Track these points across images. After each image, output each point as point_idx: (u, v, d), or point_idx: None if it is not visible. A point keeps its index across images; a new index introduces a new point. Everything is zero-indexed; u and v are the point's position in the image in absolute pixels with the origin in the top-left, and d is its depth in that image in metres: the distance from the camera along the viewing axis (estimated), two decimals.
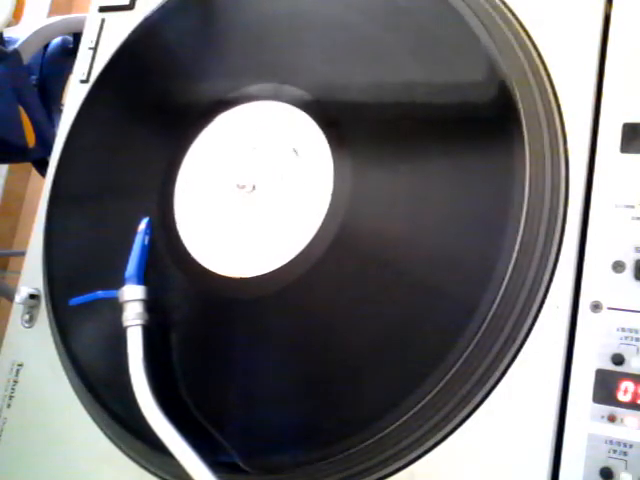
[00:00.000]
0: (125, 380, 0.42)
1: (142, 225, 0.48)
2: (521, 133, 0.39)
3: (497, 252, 0.38)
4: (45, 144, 0.68)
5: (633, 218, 0.38)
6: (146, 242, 0.47)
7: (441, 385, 0.37)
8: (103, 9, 0.61)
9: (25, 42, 0.68)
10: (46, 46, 0.73)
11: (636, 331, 0.36)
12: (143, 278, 0.46)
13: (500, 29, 0.43)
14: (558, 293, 0.38)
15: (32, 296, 0.54)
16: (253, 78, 0.50)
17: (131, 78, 0.57)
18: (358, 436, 0.38)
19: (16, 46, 0.67)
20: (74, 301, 0.47)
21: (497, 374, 0.38)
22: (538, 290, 0.38)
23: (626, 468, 0.34)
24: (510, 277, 0.37)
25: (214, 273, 0.46)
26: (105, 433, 0.48)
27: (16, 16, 0.72)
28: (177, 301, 0.47)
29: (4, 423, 0.52)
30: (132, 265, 0.46)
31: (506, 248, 0.38)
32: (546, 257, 0.38)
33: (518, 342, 0.38)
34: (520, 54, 0.42)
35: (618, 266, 0.37)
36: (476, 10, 0.43)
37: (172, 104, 0.54)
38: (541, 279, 0.38)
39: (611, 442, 0.35)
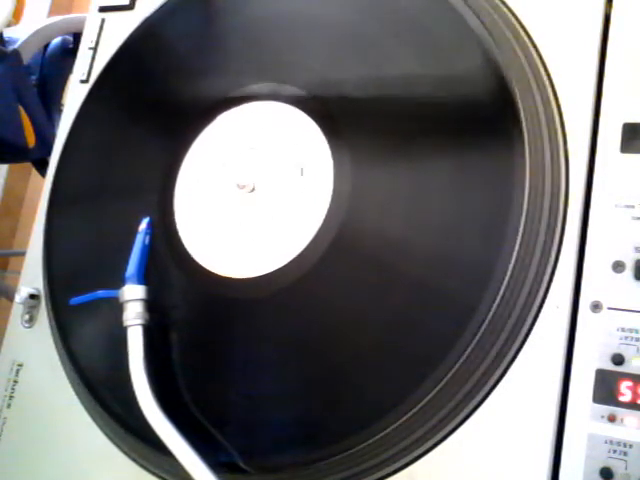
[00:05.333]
0: (125, 380, 0.42)
1: (143, 225, 0.48)
2: (521, 133, 0.39)
3: (497, 252, 0.38)
4: (45, 144, 0.68)
5: (633, 218, 0.38)
6: (147, 242, 0.47)
7: (441, 385, 0.37)
8: (103, 9, 0.61)
9: (25, 42, 0.67)
10: (46, 46, 0.73)
11: (636, 331, 0.36)
12: (144, 278, 0.46)
13: (500, 29, 0.43)
14: (558, 293, 0.38)
15: (32, 296, 0.54)
16: (253, 78, 0.50)
17: (131, 78, 0.57)
18: (358, 436, 0.38)
19: (16, 46, 0.66)
20: (74, 301, 0.47)
21: (497, 374, 0.38)
22: (538, 290, 0.38)
23: (626, 468, 0.34)
24: (510, 277, 0.37)
25: (214, 273, 0.46)
26: (105, 433, 0.48)
27: (16, 16, 0.72)
28: (177, 301, 0.47)
29: (4, 423, 0.52)
30: (132, 265, 0.46)
31: (506, 248, 0.38)
32: (546, 257, 0.38)
33: (518, 342, 0.38)
34: (520, 54, 0.42)
35: (618, 266, 0.37)
36: (476, 10, 0.43)
37: (172, 104, 0.54)
38: (541, 279, 0.38)
39: (611, 442, 0.35)
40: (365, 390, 0.39)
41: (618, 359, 0.36)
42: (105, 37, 0.60)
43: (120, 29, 0.58)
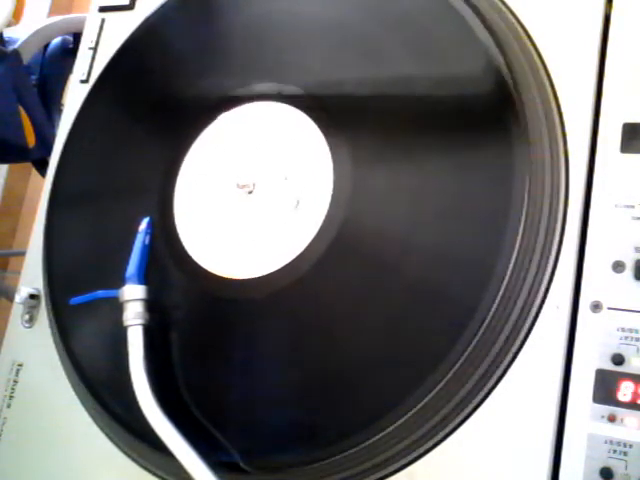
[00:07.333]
0: (125, 380, 0.42)
1: (143, 225, 0.48)
2: (521, 133, 0.39)
3: (497, 252, 0.38)
4: (45, 144, 0.68)
5: (633, 218, 0.38)
6: (147, 242, 0.47)
7: (441, 385, 0.37)
8: (103, 9, 0.61)
9: (25, 42, 0.67)
10: (46, 46, 0.73)
11: (636, 331, 0.36)
12: (144, 278, 0.46)
13: (500, 29, 0.43)
14: (558, 293, 0.38)
15: (32, 296, 0.54)
16: (253, 78, 0.50)
17: (132, 78, 0.57)
18: (358, 436, 0.38)
19: (16, 46, 0.67)
20: (74, 300, 0.47)
21: (497, 374, 0.38)
22: (538, 290, 0.38)
23: (626, 468, 0.34)
24: (510, 277, 0.37)
25: (213, 274, 0.46)
26: (105, 433, 0.48)
27: (16, 16, 0.72)
28: (177, 301, 0.47)
29: (4, 423, 0.52)
30: (133, 265, 0.46)
31: (506, 248, 0.38)
32: (546, 257, 0.38)
33: (518, 342, 0.38)
34: (520, 54, 0.42)
35: (618, 266, 0.37)
36: (476, 10, 0.43)
37: (172, 104, 0.54)
38: (541, 279, 0.38)
39: (611, 442, 0.35)
40: (365, 390, 0.39)
41: (618, 359, 0.36)
42: (105, 37, 0.60)
43: (120, 29, 0.58)
